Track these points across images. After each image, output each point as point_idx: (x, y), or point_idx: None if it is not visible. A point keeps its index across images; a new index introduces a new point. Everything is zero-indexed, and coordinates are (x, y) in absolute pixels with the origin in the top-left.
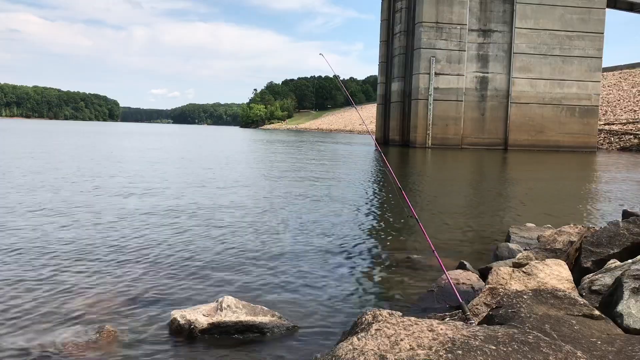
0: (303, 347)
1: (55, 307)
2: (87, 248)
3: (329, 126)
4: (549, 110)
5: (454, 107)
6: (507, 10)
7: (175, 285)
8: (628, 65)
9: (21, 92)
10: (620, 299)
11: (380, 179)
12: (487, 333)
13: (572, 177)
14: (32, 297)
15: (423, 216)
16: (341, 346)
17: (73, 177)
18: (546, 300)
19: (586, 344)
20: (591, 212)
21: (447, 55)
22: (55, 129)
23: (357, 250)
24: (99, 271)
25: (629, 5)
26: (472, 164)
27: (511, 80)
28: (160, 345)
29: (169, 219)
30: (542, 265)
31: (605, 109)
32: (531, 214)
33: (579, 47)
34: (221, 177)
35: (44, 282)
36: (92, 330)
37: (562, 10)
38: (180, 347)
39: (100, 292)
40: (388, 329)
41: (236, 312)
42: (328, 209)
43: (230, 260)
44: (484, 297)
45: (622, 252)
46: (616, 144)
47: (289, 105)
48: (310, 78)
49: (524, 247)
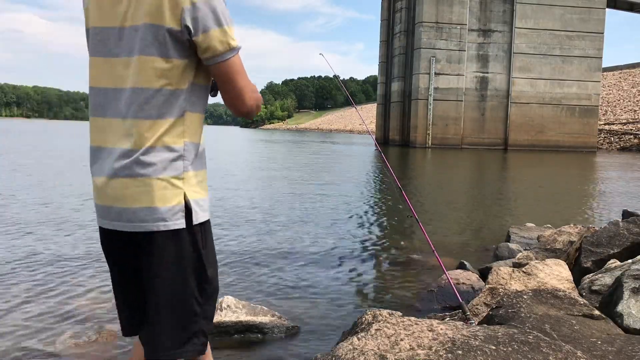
0: (303, 347)
1: (55, 307)
2: (87, 248)
3: (329, 126)
4: (549, 110)
5: (454, 107)
6: (507, 10)
7: None
8: (628, 65)
9: (21, 92)
10: (620, 299)
11: (380, 179)
12: (487, 333)
13: (572, 177)
14: (32, 297)
15: (423, 216)
16: (341, 346)
17: (75, 177)
18: (546, 300)
19: (586, 344)
20: (591, 212)
21: (447, 55)
22: (57, 129)
23: (357, 250)
24: (99, 271)
25: (629, 5)
26: (472, 164)
27: (511, 80)
28: None
29: None
30: (542, 265)
31: (605, 109)
32: (531, 214)
33: (579, 47)
34: (221, 177)
35: (44, 282)
36: (92, 330)
37: (562, 10)
38: None
39: (100, 292)
40: (388, 329)
41: (236, 312)
42: (328, 209)
43: (231, 260)
44: (484, 297)
45: (622, 252)
46: (616, 144)
47: (289, 105)
48: (310, 78)
49: (524, 247)
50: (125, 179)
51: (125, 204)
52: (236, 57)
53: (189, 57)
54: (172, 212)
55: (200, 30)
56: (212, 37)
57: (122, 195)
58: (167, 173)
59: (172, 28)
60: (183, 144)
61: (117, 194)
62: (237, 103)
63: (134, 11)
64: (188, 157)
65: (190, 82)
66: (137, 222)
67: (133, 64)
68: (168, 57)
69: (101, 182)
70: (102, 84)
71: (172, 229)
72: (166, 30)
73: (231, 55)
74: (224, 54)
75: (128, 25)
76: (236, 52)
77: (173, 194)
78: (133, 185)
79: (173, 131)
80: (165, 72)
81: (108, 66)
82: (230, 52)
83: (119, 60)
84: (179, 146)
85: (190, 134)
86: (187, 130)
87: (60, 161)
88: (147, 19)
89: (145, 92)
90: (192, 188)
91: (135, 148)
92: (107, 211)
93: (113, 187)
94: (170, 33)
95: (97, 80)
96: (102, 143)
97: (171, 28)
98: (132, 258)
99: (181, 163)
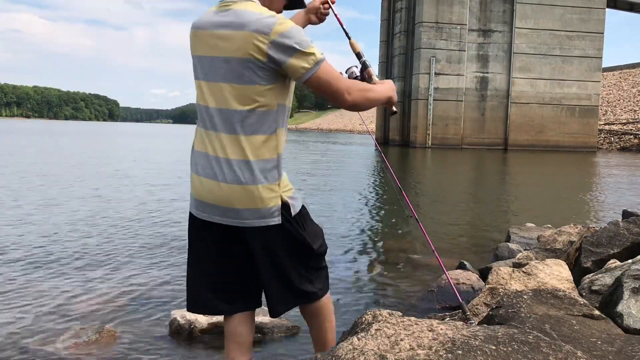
0: (303, 347)
1: (55, 307)
2: (87, 248)
3: (329, 126)
4: (549, 110)
5: (454, 107)
6: (507, 10)
7: (175, 285)
8: (628, 65)
9: (21, 92)
10: (620, 299)
11: (380, 179)
12: (487, 333)
13: (572, 177)
14: (32, 297)
15: (423, 216)
16: (341, 346)
17: (77, 178)
18: (546, 300)
19: (586, 344)
20: (591, 212)
21: (447, 55)
22: (58, 130)
23: (357, 250)
24: (99, 271)
25: (629, 5)
26: (472, 164)
27: (511, 80)
28: (160, 345)
29: (169, 220)
30: (542, 265)
31: (605, 109)
32: (531, 214)
33: (579, 47)
34: None
35: (44, 282)
36: (92, 330)
37: (562, 10)
38: (180, 347)
39: (100, 293)
40: (388, 329)
41: None
42: (328, 209)
43: None
44: (484, 297)
45: (622, 252)
46: (616, 144)
47: None
48: None
49: (524, 247)
50: (233, 185)
51: (232, 205)
52: (321, 69)
53: (275, 83)
54: (269, 211)
55: (285, 61)
56: (295, 63)
57: (227, 197)
58: (265, 181)
59: (260, 60)
60: (277, 156)
61: (223, 195)
62: (338, 102)
63: (229, 45)
64: (279, 165)
65: (278, 103)
66: (241, 219)
67: (230, 89)
68: (259, 84)
69: (207, 183)
70: (210, 103)
71: (272, 224)
72: (255, 61)
73: (316, 69)
74: (309, 70)
75: (223, 56)
76: (319, 66)
77: (270, 198)
78: (238, 190)
79: (269, 145)
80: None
81: (210, 89)
82: (314, 67)
83: (218, 85)
84: (273, 158)
85: (280, 147)
86: (278, 144)
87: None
88: (238, 54)
89: (241, 113)
90: (284, 188)
91: (240, 159)
92: (211, 208)
93: (219, 189)
94: (258, 64)
95: (204, 100)
96: (207, 150)
97: (260, 60)
98: (229, 244)
99: (276, 172)
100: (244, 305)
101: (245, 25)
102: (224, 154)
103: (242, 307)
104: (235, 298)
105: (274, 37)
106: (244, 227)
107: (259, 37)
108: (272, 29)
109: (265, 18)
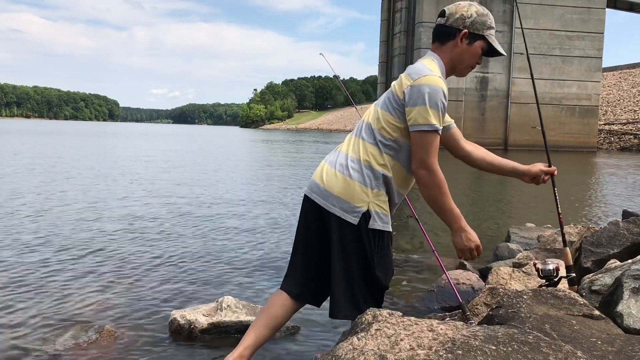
0: (303, 347)
1: (55, 307)
2: (87, 248)
3: (329, 126)
4: (549, 110)
5: (454, 107)
6: (507, 10)
7: (175, 285)
8: (628, 65)
9: (21, 92)
10: (620, 299)
11: None
12: (487, 333)
13: (572, 177)
14: (32, 297)
15: (423, 216)
16: (341, 346)
17: (78, 178)
18: (546, 300)
19: (586, 344)
20: (591, 212)
21: None
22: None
23: None
24: (99, 271)
25: (629, 5)
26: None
27: (511, 80)
28: (160, 345)
29: (169, 220)
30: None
31: (605, 109)
32: (531, 214)
33: (579, 47)
34: (221, 177)
35: (44, 282)
36: (92, 330)
37: (562, 10)
38: (180, 347)
39: (100, 293)
40: (388, 329)
41: (236, 312)
42: None
43: (231, 261)
44: (484, 297)
45: (622, 252)
46: (616, 144)
47: (289, 105)
48: (310, 78)
49: (524, 247)
50: (337, 172)
51: (329, 187)
52: (429, 134)
53: (399, 118)
54: (352, 209)
55: (410, 104)
56: (416, 111)
57: (328, 180)
58: (362, 182)
59: (398, 97)
60: (382, 170)
61: (327, 178)
62: (412, 165)
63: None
64: (381, 181)
65: (397, 135)
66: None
67: (375, 112)
68: (389, 113)
69: (322, 166)
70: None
71: (347, 221)
72: (396, 98)
73: (426, 128)
74: (421, 125)
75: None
76: (431, 129)
77: (360, 198)
78: (338, 177)
79: (378, 159)
80: (385, 122)
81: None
82: (426, 127)
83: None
84: (378, 170)
85: (388, 170)
86: (387, 165)
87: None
88: (392, 89)
89: (372, 128)
90: (377, 202)
91: (352, 157)
92: (316, 186)
93: (327, 172)
94: (397, 101)
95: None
96: (340, 147)
97: (398, 97)
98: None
99: (374, 182)
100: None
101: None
102: (346, 150)
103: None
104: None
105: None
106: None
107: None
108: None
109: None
